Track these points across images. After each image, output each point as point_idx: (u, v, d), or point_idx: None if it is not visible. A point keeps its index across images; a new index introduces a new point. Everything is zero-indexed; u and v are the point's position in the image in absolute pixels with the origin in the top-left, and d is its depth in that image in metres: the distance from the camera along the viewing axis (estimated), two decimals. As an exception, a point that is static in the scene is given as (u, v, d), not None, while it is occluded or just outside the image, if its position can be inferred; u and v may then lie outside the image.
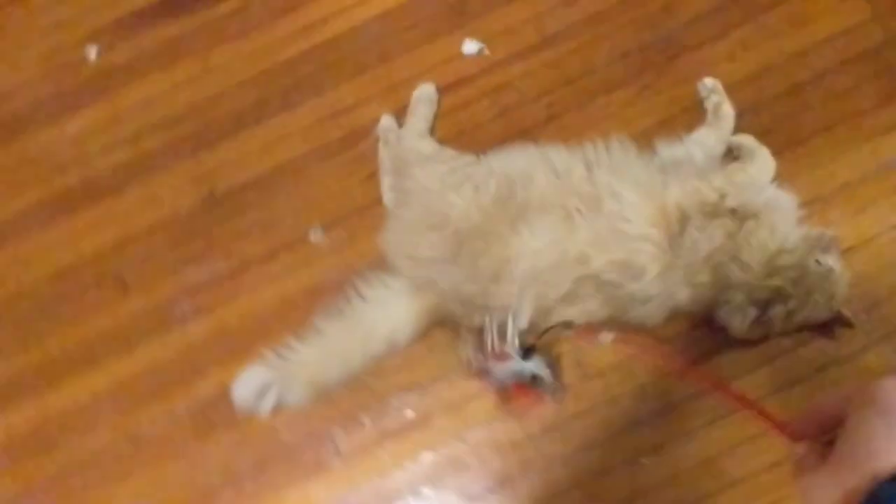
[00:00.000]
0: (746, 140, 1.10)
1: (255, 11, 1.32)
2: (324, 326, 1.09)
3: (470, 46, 1.26)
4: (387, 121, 1.23)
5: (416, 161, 1.13)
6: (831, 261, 0.97)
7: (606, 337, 1.02)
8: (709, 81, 1.16)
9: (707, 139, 1.11)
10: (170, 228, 1.24)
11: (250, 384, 1.05)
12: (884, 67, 1.15)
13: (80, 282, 1.24)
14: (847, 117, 1.14)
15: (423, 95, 1.22)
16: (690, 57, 1.20)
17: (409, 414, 1.12)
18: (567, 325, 1.01)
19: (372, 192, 1.20)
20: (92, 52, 1.34)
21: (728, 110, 1.13)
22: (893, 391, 0.57)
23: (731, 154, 1.11)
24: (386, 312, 1.08)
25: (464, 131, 1.22)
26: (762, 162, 1.07)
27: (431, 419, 1.12)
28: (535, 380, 1.02)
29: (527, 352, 1.02)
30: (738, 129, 1.13)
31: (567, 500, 1.06)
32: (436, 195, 1.07)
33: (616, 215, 0.99)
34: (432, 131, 1.21)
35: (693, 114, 1.16)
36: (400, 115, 1.23)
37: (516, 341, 1.00)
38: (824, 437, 0.59)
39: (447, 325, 1.09)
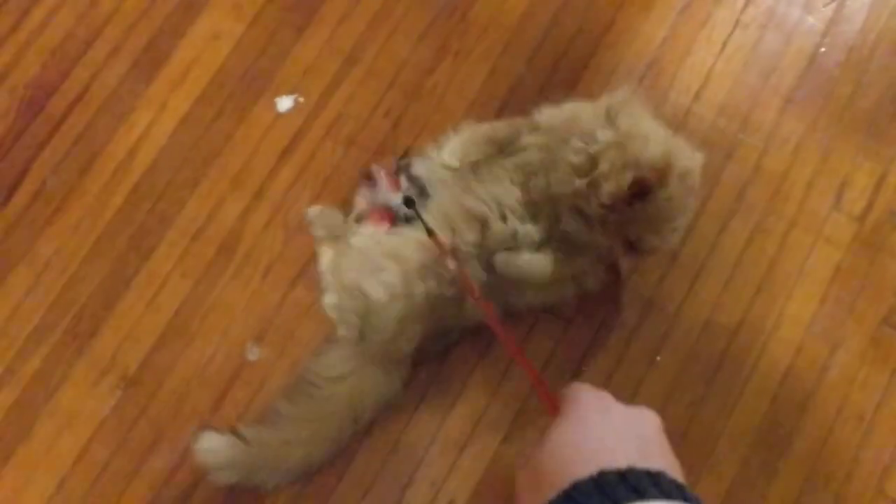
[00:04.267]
0: None
1: (54, 185, 1.20)
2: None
3: (284, 103, 1.23)
4: (314, 210, 1.16)
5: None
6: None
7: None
8: None
9: None
10: (105, 437, 1.10)
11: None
12: None
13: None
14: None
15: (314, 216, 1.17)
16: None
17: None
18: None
19: (276, 285, 1.16)
20: None
21: None
22: (574, 400, 0.58)
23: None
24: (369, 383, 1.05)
25: (328, 178, 1.20)
26: None
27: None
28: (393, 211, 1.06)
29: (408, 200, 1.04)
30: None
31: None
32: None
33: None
34: (301, 196, 1.18)
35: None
36: (260, 201, 1.19)
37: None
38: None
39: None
